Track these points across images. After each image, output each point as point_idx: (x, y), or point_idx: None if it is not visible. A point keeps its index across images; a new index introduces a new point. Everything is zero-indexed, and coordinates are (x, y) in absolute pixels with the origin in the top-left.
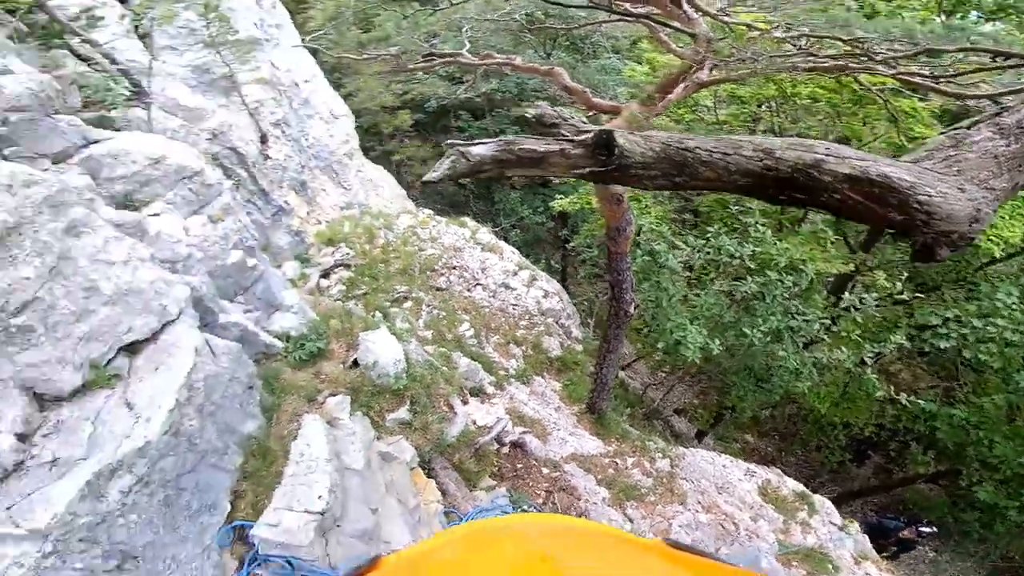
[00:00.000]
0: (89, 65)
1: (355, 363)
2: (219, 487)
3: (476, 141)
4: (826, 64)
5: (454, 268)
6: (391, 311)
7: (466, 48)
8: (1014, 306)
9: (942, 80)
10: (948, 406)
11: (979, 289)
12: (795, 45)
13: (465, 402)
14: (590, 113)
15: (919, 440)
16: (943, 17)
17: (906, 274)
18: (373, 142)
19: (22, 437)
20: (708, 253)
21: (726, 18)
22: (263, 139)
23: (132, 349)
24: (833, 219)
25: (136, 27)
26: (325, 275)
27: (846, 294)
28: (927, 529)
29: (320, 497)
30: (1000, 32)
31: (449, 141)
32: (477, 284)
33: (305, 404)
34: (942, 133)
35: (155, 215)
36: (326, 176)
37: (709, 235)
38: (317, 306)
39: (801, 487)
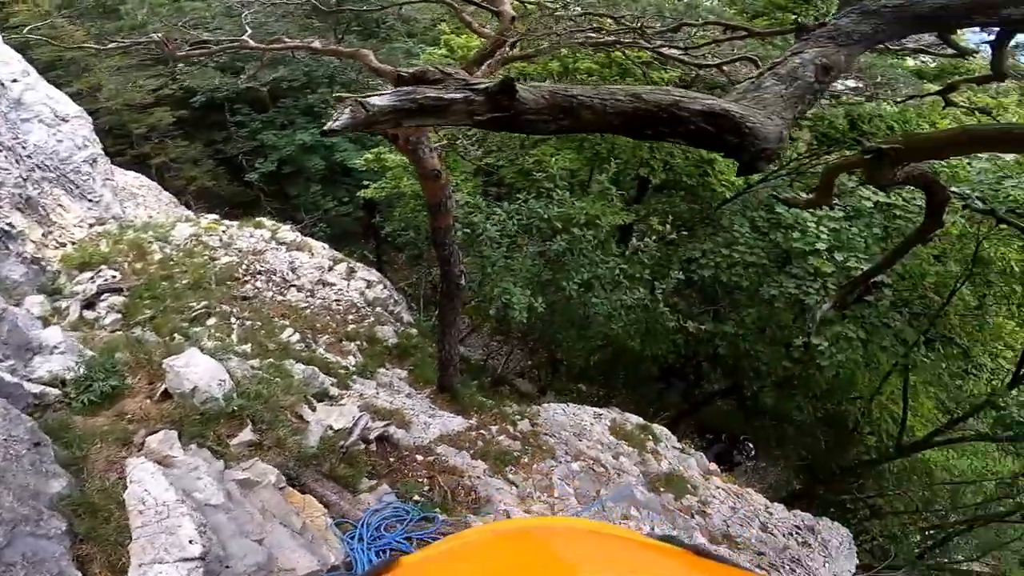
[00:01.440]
0: None
1: (166, 394)
2: (53, 556)
3: (374, 92)
4: (605, 39)
5: (259, 273)
6: (193, 331)
7: (247, 35)
8: (748, 235)
9: (688, 51)
10: (720, 324)
11: (721, 224)
12: (575, 22)
13: (313, 409)
14: None
15: (708, 361)
16: None
17: (670, 218)
18: (122, 145)
19: None
20: (521, 218)
21: None
22: None
23: None
24: (614, 177)
25: None
26: (89, 305)
27: (631, 240)
28: (751, 444)
29: (192, 541)
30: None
31: (337, 94)
32: (290, 286)
33: (120, 450)
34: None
35: None
36: (60, 189)
37: (519, 202)
38: (90, 341)
39: (641, 420)
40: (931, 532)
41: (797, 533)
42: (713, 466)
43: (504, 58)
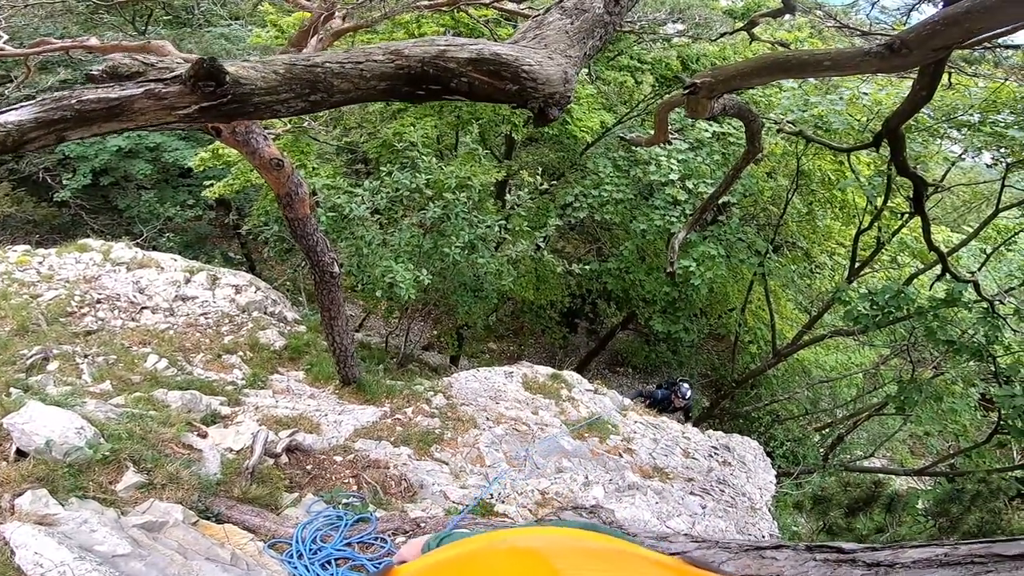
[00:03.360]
0: None
1: (21, 453)
2: None
3: (8, 108)
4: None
5: (98, 302)
6: (31, 381)
7: (2, 40)
8: (612, 174)
9: (522, 3)
10: (604, 262)
11: (587, 168)
12: None
13: (203, 435)
14: None
15: (602, 298)
16: None
17: (540, 169)
18: None
19: None
20: (388, 192)
21: None
22: None
23: None
24: (479, 138)
25: None
26: None
27: (507, 196)
28: (685, 386)
29: None
30: None
31: None
32: (142, 309)
33: None
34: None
35: None
36: None
37: (382, 175)
38: None
39: (551, 370)
40: (825, 432)
41: (716, 453)
42: (628, 401)
43: (337, 31)
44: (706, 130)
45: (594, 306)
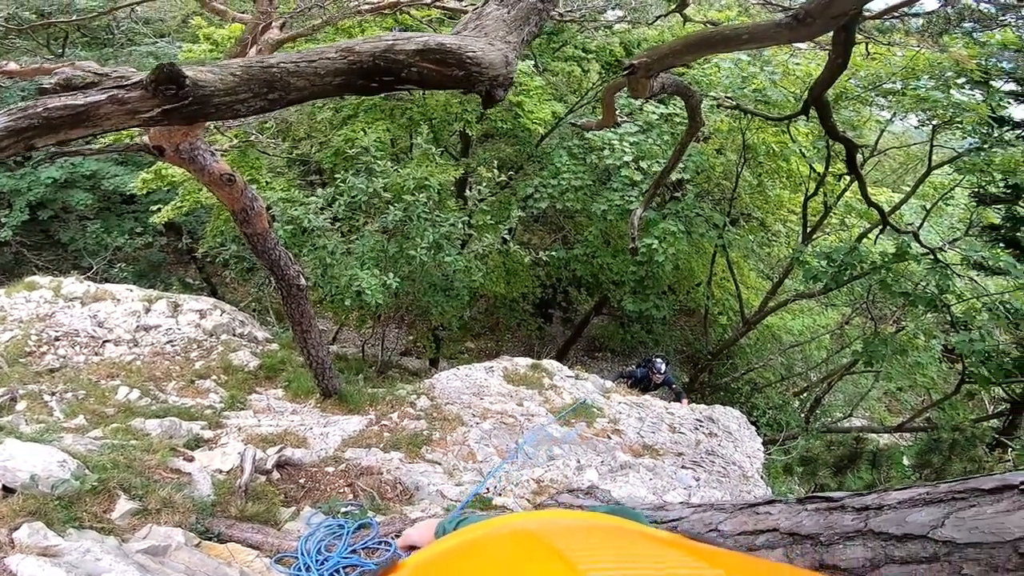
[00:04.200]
0: None
1: (7, 489)
2: None
3: None
4: (384, 3)
5: (56, 340)
6: (2, 422)
7: None
8: (568, 163)
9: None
10: (570, 249)
11: (544, 159)
12: None
13: (189, 459)
14: None
15: (572, 285)
16: None
17: (498, 163)
18: None
19: None
20: (345, 199)
21: None
22: None
23: None
24: (433, 138)
25: None
26: None
27: (467, 192)
28: (659, 362)
29: None
30: None
31: None
32: (104, 342)
33: None
34: None
35: None
36: None
37: (338, 182)
38: None
39: (530, 360)
40: (803, 396)
41: (701, 426)
42: (609, 384)
43: (278, 41)
44: (654, 112)
45: (566, 294)
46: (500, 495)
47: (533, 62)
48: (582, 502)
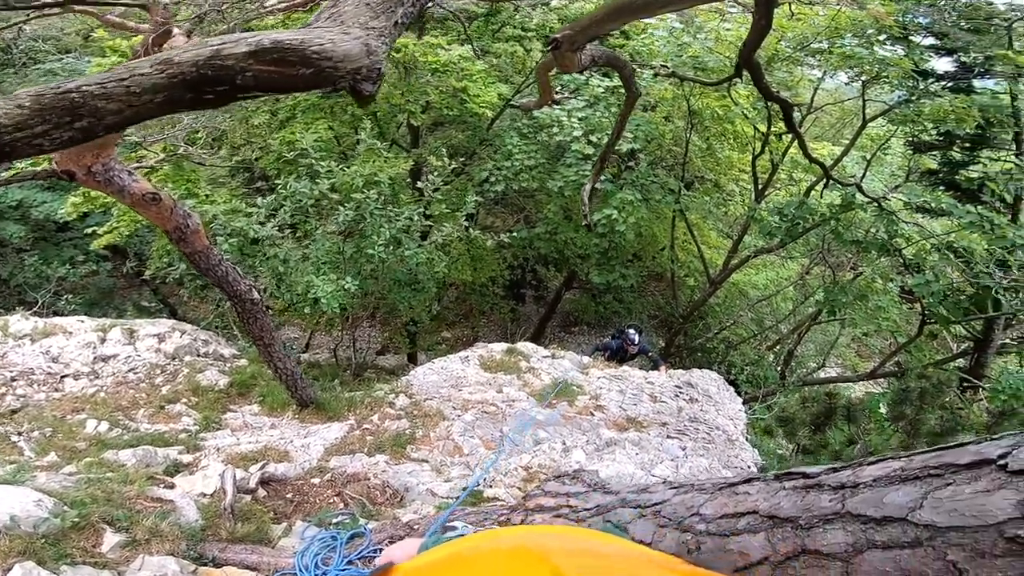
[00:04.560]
0: None
1: None
2: None
3: None
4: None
5: (13, 380)
6: None
7: None
8: (519, 143)
9: None
10: (532, 228)
11: (496, 142)
12: None
13: (170, 486)
14: None
15: (539, 263)
16: None
17: (449, 151)
18: None
19: None
20: (290, 205)
21: None
22: None
23: None
24: (378, 132)
25: None
26: None
27: (419, 183)
28: (631, 331)
29: None
30: None
31: None
32: (63, 377)
33: None
34: None
35: None
36: None
37: (279, 188)
38: None
39: (504, 345)
40: (777, 350)
41: (681, 393)
42: (587, 359)
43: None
44: (599, 85)
45: (535, 273)
46: (491, 486)
47: (471, 46)
48: (569, 488)
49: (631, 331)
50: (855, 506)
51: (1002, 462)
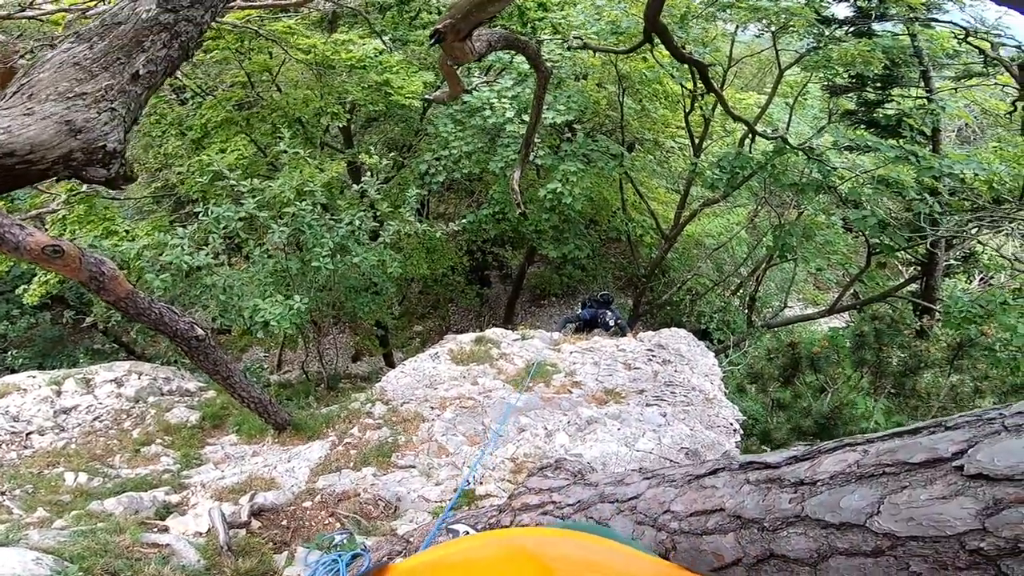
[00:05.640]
0: None
1: None
2: None
3: None
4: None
5: None
6: None
7: None
8: (454, 131)
9: None
10: (480, 211)
11: (432, 131)
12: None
13: (165, 529)
14: None
15: (497, 244)
16: None
17: (385, 147)
18: None
19: None
20: (218, 231)
21: None
22: None
23: None
24: (304, 139)
25: None
26: None
27: (359, 184)
28: (609, 313)
29: None
30: None
31: None
32: (28, 435)
33: None
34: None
35: None
36: None
37: (200, 215)
38: None
39: (473, 335)
40: (740, 294)
41: (654, 356)
42: (556, 335)
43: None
44: (525, 63)
45: (495, 255)
46: (480, 483)
47: (382, 40)
48: (551, 483)
49: (609, 314)
50: (813, 509)
51: (957, 463)
